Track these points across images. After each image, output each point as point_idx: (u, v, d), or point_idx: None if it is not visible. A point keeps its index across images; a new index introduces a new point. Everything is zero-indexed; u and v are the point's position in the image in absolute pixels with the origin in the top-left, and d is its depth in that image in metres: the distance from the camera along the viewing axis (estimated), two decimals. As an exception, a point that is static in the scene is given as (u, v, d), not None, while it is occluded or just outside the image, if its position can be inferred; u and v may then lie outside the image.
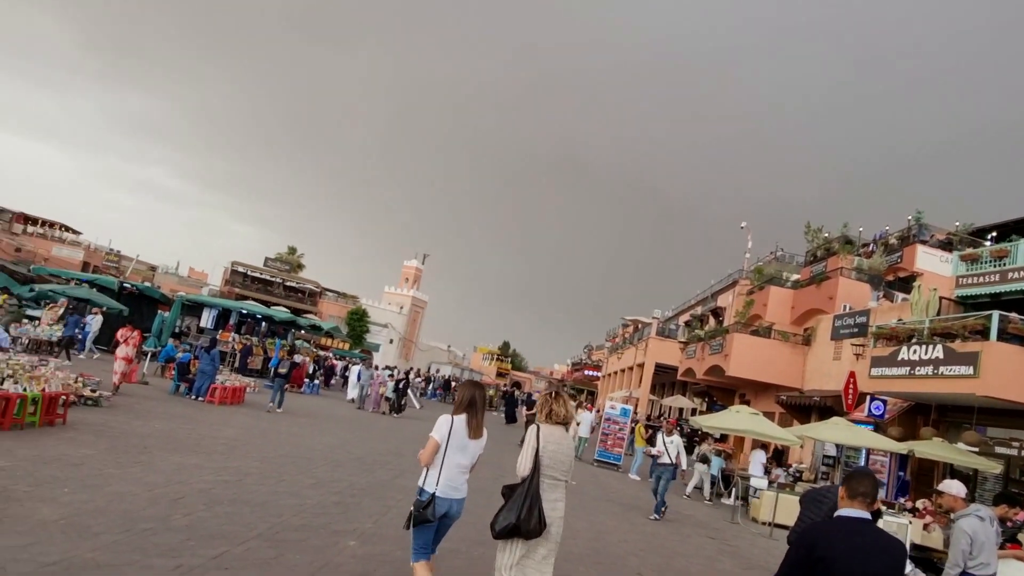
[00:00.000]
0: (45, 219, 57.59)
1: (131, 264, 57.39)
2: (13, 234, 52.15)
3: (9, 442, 8.49)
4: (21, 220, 55.76)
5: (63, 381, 11.13)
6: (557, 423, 5.03)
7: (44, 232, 56.19)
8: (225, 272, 65.40)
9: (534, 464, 4.77)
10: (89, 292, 25.52)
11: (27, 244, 50.43)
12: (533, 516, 4.61)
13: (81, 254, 53.52)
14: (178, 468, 8.86)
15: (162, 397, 16.48)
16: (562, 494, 4.88)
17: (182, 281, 66.43)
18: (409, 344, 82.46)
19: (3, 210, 54.79)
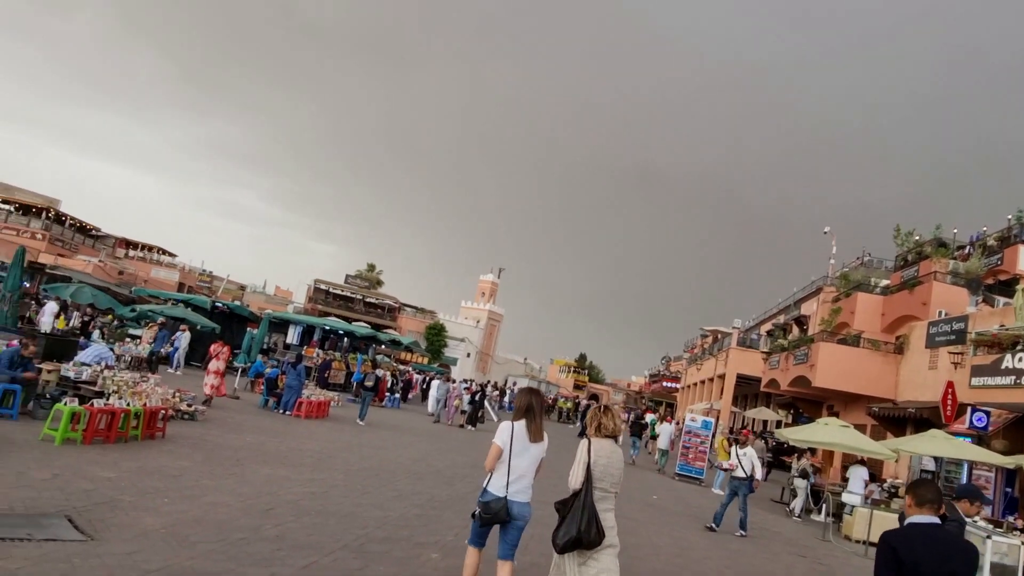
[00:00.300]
0: (144, 243, 61.32)
1: (222, 284, 60.22)
2: (116, 258, 55.68)
3: (115, 454, 9.02)
4: (123, 245, 59.59)
5: (162, 396, 11.76)
6: (606, 436, 5.11)
7: (144, 255, 59.82)
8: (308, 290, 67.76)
9: (586, 477, 4.87)
10: (184, 311, 26.90)
11: (129, 267, 53.73)
12: (592, 527, 4.70)
13: (177, 275, 56.51)
14: (268, 480, 9.21)
15: (252, 411, 17.17)
16: (612, 505, 4.99)
17: (269, 299, 69.12)
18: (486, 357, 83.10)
19: (107, 236, 58.64)
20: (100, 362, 13.16)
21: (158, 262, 59.58)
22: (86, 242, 55.70)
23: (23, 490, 6.61)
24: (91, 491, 7.01)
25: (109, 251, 56.94)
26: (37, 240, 46.10)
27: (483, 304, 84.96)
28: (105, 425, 9.66)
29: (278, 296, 74.22)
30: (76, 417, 9.20)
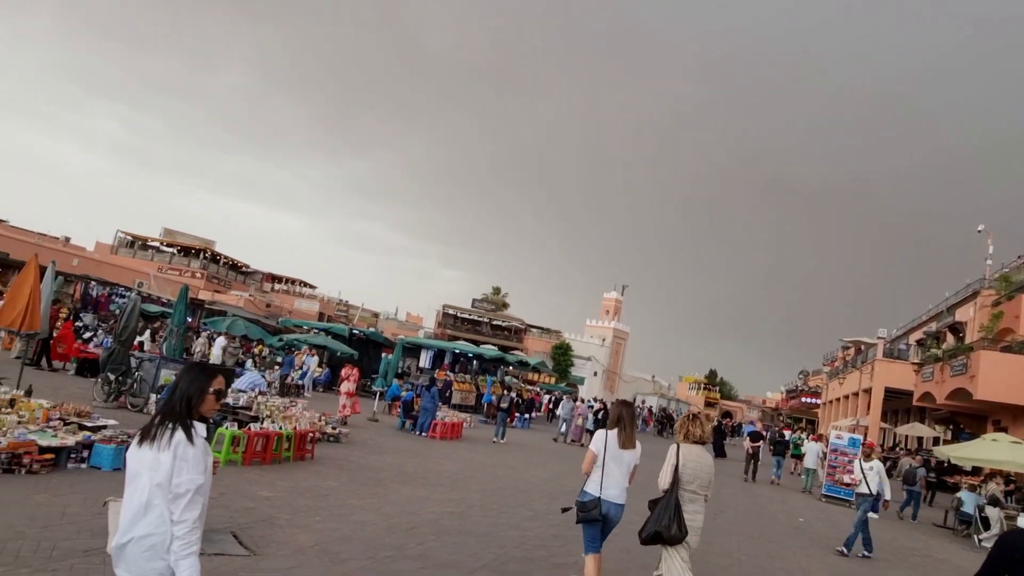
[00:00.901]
0: (288, 277, 65.88)
1: (357, 312, 63.29)
2: (264, 292, 60.06)
3: (271, 474, 9.68)
4: (269, 279, 64.28)
5: (309, 420, 12.51)
6: (695, 442, 5.54)
7: (287, 288, 64.22)
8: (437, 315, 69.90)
9: (674, 478, 5.31)
10: (325, 339, 28.52)
11: (275, 300, 57.74)
12: (674, 525, 5.15)
13: (317, 305, 60.05)
14: (409, 499, 9.54)
15: (391, 433, 17.88)
16: (701, 507, 5.42)
17: (401, 325, 71.86)
18: (613, 376, 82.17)
19: (255, 272, 63.46)
20: (254, 389, 14.20)
21: (300, 294, 63.76)
22: (238, 278, 60.52)
23: (194, 508, 7.21)
24: (252, 509, 7.55)
25: (257, 286, 61.61)
26: (197, 278, 50.54)
27: (608, 322, 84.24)
28: (261, 447, 10.39)
29: (409, 322, 77.02)
30: (236, 440, 9.96)
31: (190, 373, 2.94)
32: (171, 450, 2.69)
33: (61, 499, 6.66)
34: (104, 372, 13.61)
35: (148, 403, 13.07)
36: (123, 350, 13.74)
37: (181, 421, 2.77)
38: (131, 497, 2.71)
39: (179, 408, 2.80)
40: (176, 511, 2.65)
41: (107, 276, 36.25)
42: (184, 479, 2.66)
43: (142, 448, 2.74)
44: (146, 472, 2.70)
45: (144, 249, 57.88)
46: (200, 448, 2.75)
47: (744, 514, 14.05)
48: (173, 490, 2.66)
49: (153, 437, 2.73)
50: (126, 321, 14.14)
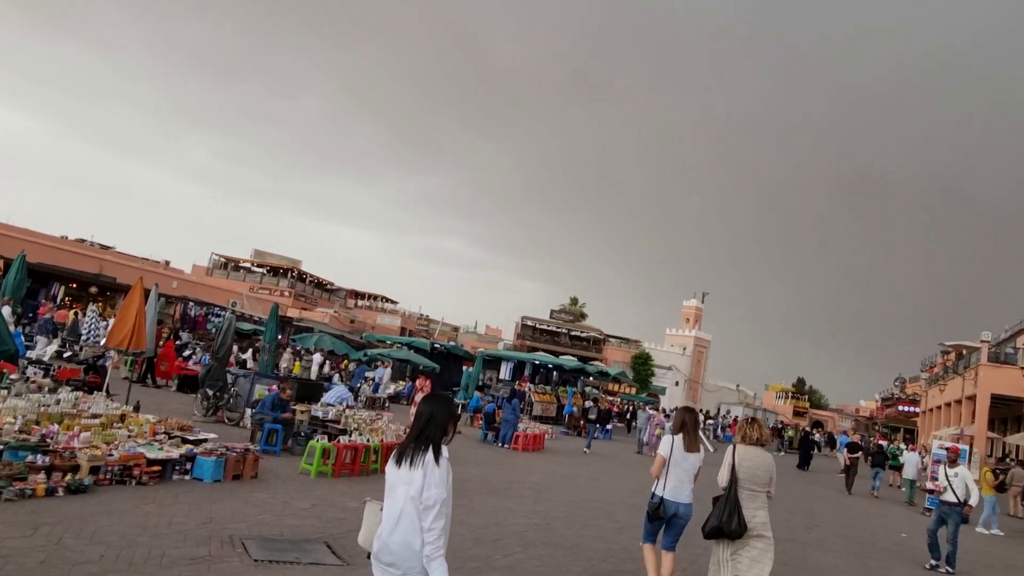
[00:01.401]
0: (370, 293, 67.72)
1: (438, 326, 64.38)
2: (348, 308, 61.91)
3: (360, 486, 9.93)
4: (353, 296, 66.27)
5: (395, 432, 12.78)
6: (752, 443, 5.88)
7: (370, 304, 66.04)
8: (516, 327, 70.22)
9: (731, 477, 5.69)
10: (408, 353, 29.13)
11: (359, 316, 59.45)
12: (733, 519, 5.53)
13: (399, 320, 61.42)
14: (494, 511, 9.61)
15: (473, 445, 18.05)
16: (763, 503, 5.76)
17: (481, 338, 72.54)
18: (695, 386, 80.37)
19: (339, 289, 65.53)
20: (341, 402, 14.63)
21: (382, 309, 65.42)
22: (323, 296, 62.60)
23: (289, 518, 7.49)
24: (342, 519, 7.77)
25: (342, 302, 63.54)
26: (285, 297, 52.57)
27: (688, 331, 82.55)
28: (350, 459, 10.69)
29: (489, 334, 77.67)
30: (326, 453, 10.29)
31: (441, 405, 3.50)
32: (422, 469, 3.23)
33: (168, 509, 7.04)
34: (203, 388, 14.33)
35: (243, 417, 13.66)
36: (220, 367, 14.44)
37: (433, 445, 3.31)
38: (390, 506, 3.31)
39: (432, 434, 3.34)
40: (426, 521, 3.20)
41: (203, 297, 38.18)
42: (432, 493, 3.20)
43: (400, 467, 3.32)
44: (401, 486, 3.27)
45: (236, 270, 60.66)
46: (444, 468, 3.28)
47: (841, 528, 13.47)
48: (423, 503, 3.20)
49: (408, 458, 3.30)
50: (222, 339, 14.86)
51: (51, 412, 8.57)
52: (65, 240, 39.20)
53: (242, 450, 9.26)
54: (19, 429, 7.67)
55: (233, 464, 8.88)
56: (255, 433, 11.56)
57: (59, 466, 7.14)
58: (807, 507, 16.02)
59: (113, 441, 8.22)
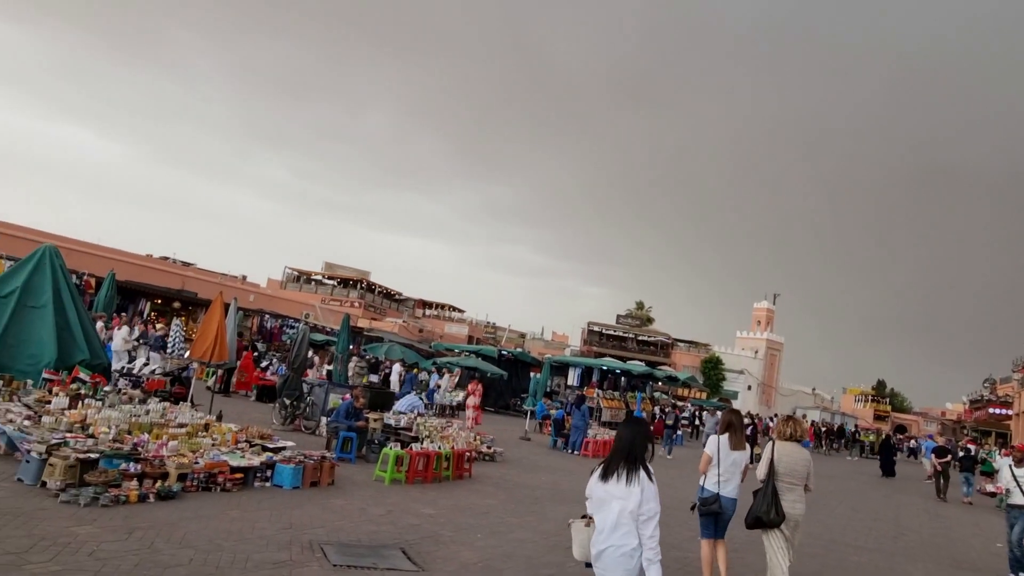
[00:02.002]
0: (438, 302, 68.65)
1: (505, 333, 64.70)
2: (416, 318, 62.93)
3: (433, 493, 10.06)
4: (421, 306, 67.36)
5: (466, 439, 12.89)
6: (789, 439, 6.42)
7: (438, 313, 66.98)
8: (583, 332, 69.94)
9: (769, 471, 6.20)
10: (476, 361, 29.33)
11: (427, 325, 60.36)
12: (772, 510, 6.05)
13: (466, 329, 62.06)
14: (566, 517, 9.53)
15: (543, 451, 18.03)
16: (800, 495, 6.23)
17: (547, 344, 72.55)
18: (769, 389, 78.18)
19: (407, 299, 66.68)
20: (412, 410, 14.86)
21: (450, 318, 66.20)
22: (392, 306, 63.83)
23: (365, 524, 7.64)
24: (417, 526, 7.88)
25: (410, 312, 64.65)
26: (355, 308, 53.81)
27: (760, 333, 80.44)
28: (422, 466, 10.84)
29: (555, 341, 77.59)
30: (399, 460, 10.46)
31: (641, 428, 4.10)
32: (638, 486, 3.73)
33: (251, 515, 7.28)
34: (280, 398, 14.79)
35: (319, 425, 14.02)
36: (296, 377, 14.88)
37: (643, 464, 3.83)
38: (604, 517, 3.80)
39: (639, 455, 3.86)
40: (647, 530, 3.69)
41: (278, 309, 39.45)
42: (650, 507, 3.71)
43: (607, 482, 3.84)
44: (615, 500, 3.77)
45: (308, 283, 62.49)
46: (655, 484, 3.81)
47: (930, 538, 12.86)
48: (643, 515, 3.69)
49: (617, 474, 3.81)
50: (297, 350, 15.32)
51: (141, 422, 8.99)
52: (150, 258, 41.22)
53: (319, 458, 9.51)
54: (113, 438, 8.08)
55: (311, 471, 9.12)
56: (331, 441, 11.85)
57: (150, 473, 7.49)
58: (893, 515, 15.37)
59: (199, 449, 8.56)
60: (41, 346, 10.67)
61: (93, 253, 30.56)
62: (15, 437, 7.80)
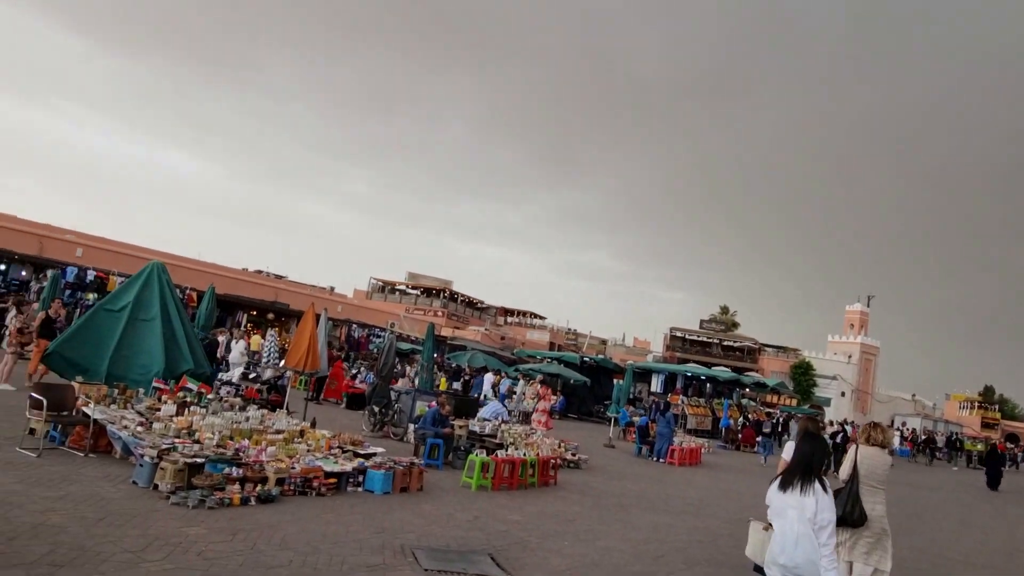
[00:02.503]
0: (519, 310, 69.06)
1: (586, 340, 64.42)
2: (498, 325, 63.48)
3: (519, 499, 10.13)
4: (502, 313, 67.94)
5: (550, 446, 12.92)
6: (873, 445, 6.62)
7: (519, 321, 67.34)
8: (665, 338, 68.75)
9: (852, 473, 6.40)
10: (558, 368, 29.35)
11: (509, 332, 60.80)
12: (855, 510, 6.21)
13: (547, 336, 62.09)
14: (654, 526, 9.44)
15: (628, 459, 17.85)
16: (881, 498, 6.40)
17: (629, 351, 71.71)
18: (864, 396, 74.67)
19: (489, 307, 67.39)
20: (497, 417, 15.00)
21: (531, 325, 66.44)
22: (474, 314, 64.61)
23: (453, 530, 7.77)
24: (504, 532, 7.96)
25: (492, 320, 65.25)
26: (438, 317, 54.76)
27: (853, 337, 76.97)
28: (508, 473, 10.93)
29: (637, 347, 76.61)
30: (485, 466, 10.58)
31: (819, 444, 4.49)
32: (813, 496, 4.03)
33: (345, 519, 7.53)
34: (369, 405, 15.23)
35: (407, 432, 14.35)
36: (384, 385, 15.29)
37: (817, 477, 4.13)
38: (783, 525, 4.15)
39: (816, 468, 4.19)
40: (822, 538, 3.96)
41: (365, 319, 40.61)
42: (825, 516, 3.99)
43: (786, 493, 4.16)
44: (791, 510, 4.09)
45: (393, 293, 64.02)
46: (830, 494, 4.12)
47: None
48: (818, 524, 3.97)
49: (794, 485, 4.13)
50: (385, 359, 15.74)
51: (242, 428, 9.45)
52: (245, 272, 43.26)
53: (408, 464, 9.74)
54: (216, 444, 8.53)
55: (400, 477, 9.36)
56: (418, 447, 12.11)
57: (250, 477, 7.86)
58: (1006, 531, 14.42)
59: (295, 455, 8.93)
60: (151, 357, 11.37)
61: (194, 268, 32.34)
62: (130, 442, 8.34)
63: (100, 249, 29.80)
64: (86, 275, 25.44)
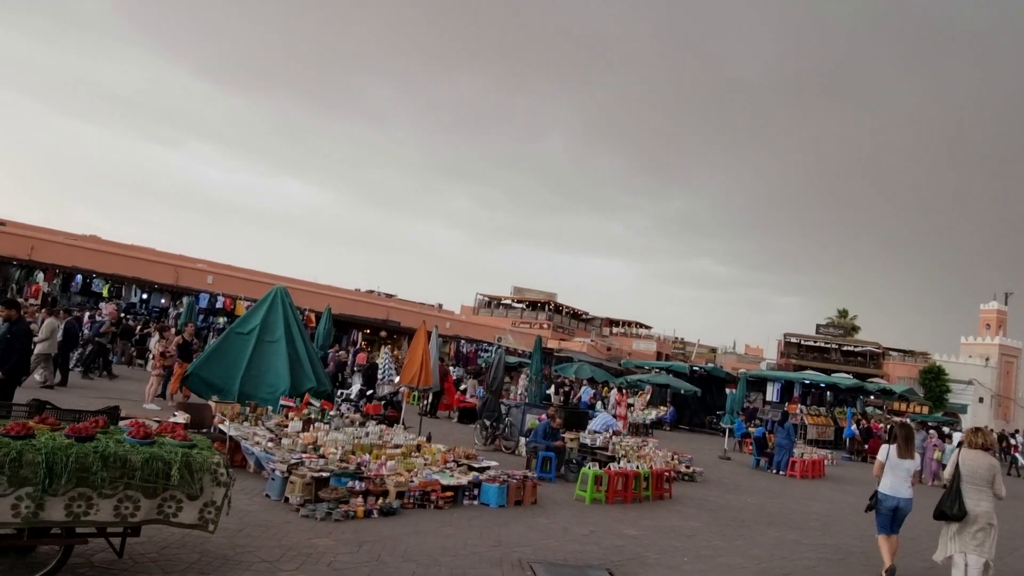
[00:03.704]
0: (624, 320, 68.29)
1: (694, 348, 62.87)
2: (603, 336, 63.03)
3: (634, 513, 10.00)
4: (607, 324, 67.41)
5: (663, 459, 12.68)
6: (976, 448, 7.17)
7: (624, 331, 66.56)
8: (779, 344, 66.11)
9: (955, 473, 7.05)
10: (667, 378, 28.78)
11: (614, 343, 60.26)
12: (955, 506, 6.86)
13: (654, 345, 61.03)
14: (777, 542, 9.08)
15: (745, 472, 17.23)
16: (987, 497, 6.92)
17: (740, 359, 69.40)
18: (1006, 402, 68.72)
19: (594, 318, 67.05)
20: (607, 429, 14.88)
21: (637, 335, 65.53)
22: (579, 326, 64.46)
23: (569, 544, 7.77)
24: (621, 547, 7.88)
25: (597, 331, 64.88)
26: (544, 329, 54.94)
27: (989, 338, 71.14)
28: (622, 486, 10.81)
29: (749, 355, 74.01)
30: (599, 480, 10.52)
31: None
32: None
33: (462, 532, 7.69)
34: (481, 419, 15.48)
35: (518, 445, 14.48)
36: (494, 399, 15.51)
37: None
38: None
39: None
40: None
41: (472, 334, 41.35)
42: None
43: None
44: None
45: (499, 307, 64.86)
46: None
47: None
48: None
49: None
50: (494, 373, 15.98)
51: (363, 443, 9.86)
52: (358, 292, 45.08)
53: (521, 477, 9.83)
54: (340, 459, 8.94)
55: (514, 490, 9.46)
56: (530, 461, 12.19)
57: (372, 491, 8.18)
58: None
59: (413, 469, 9.21)
60: (277, 376, 12.06)
61: (311, 291, 34.05)
62: (262, 457, 8.88)
63: (228, 276, 31.94)
64: (216, 301, 27.33)
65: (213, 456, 5.10)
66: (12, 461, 4.29)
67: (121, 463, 4.63)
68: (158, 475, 4.74)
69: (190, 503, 4.89)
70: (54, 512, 4.41)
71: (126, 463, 4.65)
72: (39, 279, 23.41)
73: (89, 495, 4.52)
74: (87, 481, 4.50)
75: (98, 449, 4.61)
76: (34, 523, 4.40)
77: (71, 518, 4.48)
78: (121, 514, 4.65)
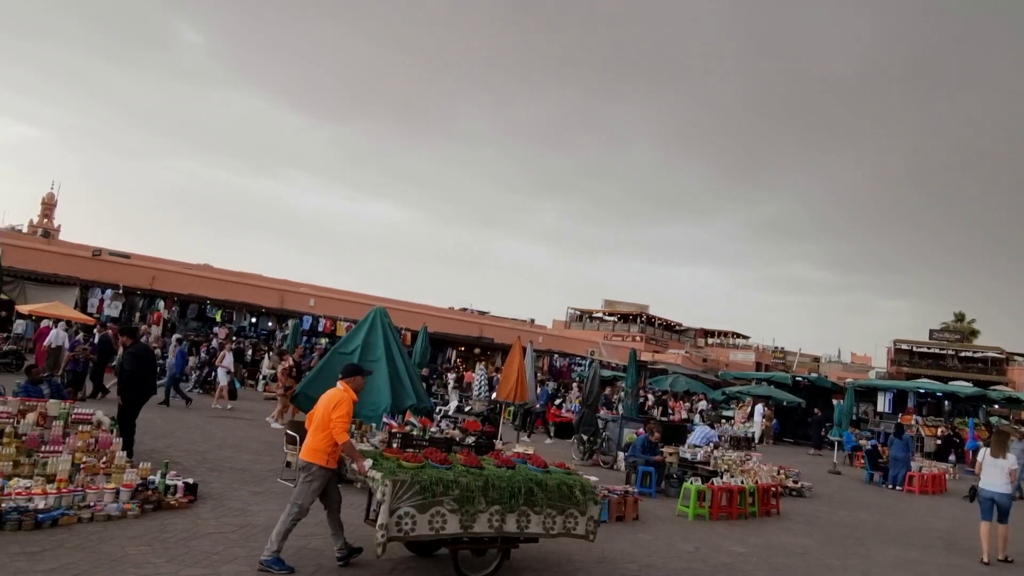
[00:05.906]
0: (719, 330, 66.44)
1: (795, 358, 60.37)
2: (698, 347, 61.52)
3: (739, 530, 9.73)
4: (702, 335, 65.76)
5: (769, 473, 12.27)
6: None
7: (720, 341, 64.75)
8: (889, 352, 62.56)
9: None
10: (768, 389, 27.80)
11: (710, 354, 58.69)
12: None
13: (752, 355, 59.09)
14: (898, 562, 8.62)
15: (857, 486, 16.42)
16: None
17: (846, 368, 66.09)
18: None
19: (688, 329, 65.64)
20: (708, 443, 14.53)
21: (734, 345, 63.60)
22: (673, 337, 63.24)
23: (675, 560, 7.64)
24: (729, 564, 7.68)
25: (692, 342, 63.42)
26: (636, 342, 54.23)
27: None
28: (726, 502, 10.54)
29: (855, 363, 70.38)
30: (701, 495, 10.30)
31: None
32: None
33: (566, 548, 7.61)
34: (578, 433, 15.44)
35: (616, 460, 14.35)
36: (590, 413, 15.44)
37: None
38: None
39: None
40: None
41: (565, 348, 41.30)
42: None
43: None
44: None
45: (590, 320, 64.54)
46: None
47: None
48: None
49: None
50: (590, 387, 15.92)
51: (463, 459, 10.03)
52: (452, 310, 45.91)
53: (622, 492, 9.75)
54: (443, 474, 9.14)
55: (616, 506, 9.39)
56: (630, 475, 12.06)
57: (476, 506, 8.33)
58: None
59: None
60: (379, 395, 12.41)
61: (407, 310, 34.94)
62: (369, 473, 9.19)
63: (329, 298, 33.23)
64: (318, 323, 28.51)
65: (589, 478, 6.55)
66: (484, 487, 5.72)
67: (542, 487, 6.02)
68: (566, 496, 6.13)
69: (581, 517, 6.26)
70: (509, 525, 5.85)
71: (546, 486, 6.04)
72: (160, 307, 25.15)
73: (527, 512, 5.92)
74: (529, 501, 5.91)
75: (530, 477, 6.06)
76: (502, 533, 5.84)
77: (518, 530, 5.91)
78: (545, 527, 6.04)
